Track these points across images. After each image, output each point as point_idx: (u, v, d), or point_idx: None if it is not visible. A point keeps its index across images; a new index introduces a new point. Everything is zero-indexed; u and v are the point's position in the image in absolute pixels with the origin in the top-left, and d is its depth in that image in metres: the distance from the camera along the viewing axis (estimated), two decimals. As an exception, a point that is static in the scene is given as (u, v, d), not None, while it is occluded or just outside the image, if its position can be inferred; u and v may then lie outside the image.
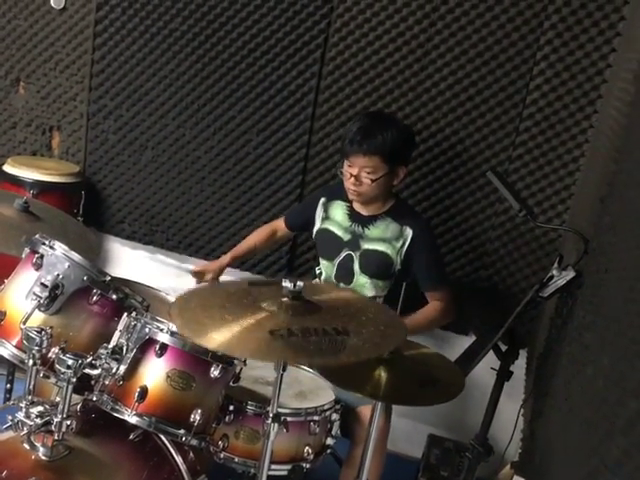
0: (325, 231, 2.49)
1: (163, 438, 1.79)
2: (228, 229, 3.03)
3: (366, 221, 2.41)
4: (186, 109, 2.96)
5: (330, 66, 2.76)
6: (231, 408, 1.82)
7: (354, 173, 2.31)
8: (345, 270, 2.42)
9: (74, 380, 1.56)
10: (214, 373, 1.69)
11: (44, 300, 1.68)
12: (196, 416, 1.67)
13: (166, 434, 1.72)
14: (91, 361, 1.60)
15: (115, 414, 1.66)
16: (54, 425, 1.56)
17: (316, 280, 2.53)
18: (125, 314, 1.72)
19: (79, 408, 1.77)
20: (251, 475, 1.87)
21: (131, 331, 1.68)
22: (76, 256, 1.73)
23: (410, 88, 2.68)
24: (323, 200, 2.52)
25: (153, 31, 2.92)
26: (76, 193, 3.01)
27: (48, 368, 1.66)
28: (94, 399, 1.69)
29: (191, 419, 1.67)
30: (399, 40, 2.65)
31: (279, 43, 2.78)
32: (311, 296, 1.59)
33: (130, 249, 3.22)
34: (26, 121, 3.21)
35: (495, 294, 2.74)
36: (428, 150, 2.70)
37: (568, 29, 2.43)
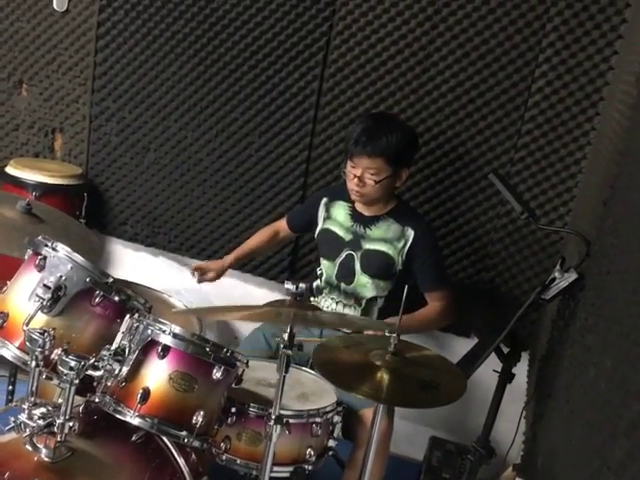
0: (327, 231, 2.49)
1: (165, 440, 1.78)
2: (230, 231, 3.04)
3: (368, 221, 2.42)
4: (188, 111, 2.97)
5: (332, 68, 2.76)
6: (233, 410, 1.82)
7: (357, 174, 2.31)
8: (346, 270, 2.43)
9: (77, 382, 1.56)
10: (216, 375, 1.69)
11: (47, 302, 1.68)
12: (198, 418, 1.67)
13: (168, 436, 1.71)
14: (93, 363, 1.60)
15: (117, 415, 1.66)
16: (56, 427, 1.56)
17: (317, 282, 2.53)
18: (127, 316, 1.72)
19: (81, 410, 1.77)
20: (253, 477, 1.87)
21: (133, 333, 1.68)
22: (79, 258, 1.73)
23: (412, 90, 2.68)
24: (325, 200, 2.53)
25: (155, 33, 2.93)
26: (78, 195, 3.02)
27: (51, 370, 1.65)
28: (96, 400, 1.69)
29: (193, 421, 1.67)
30: (401, 42, 2.65)
31: (281, 45, 2.79)
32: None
33: (132, 251, 3.22)
34: (29, 123, 3.21)
35: (497, 296, 2.73)
36: (430, 152, 2.70)
37: (570, 31, 2.43)
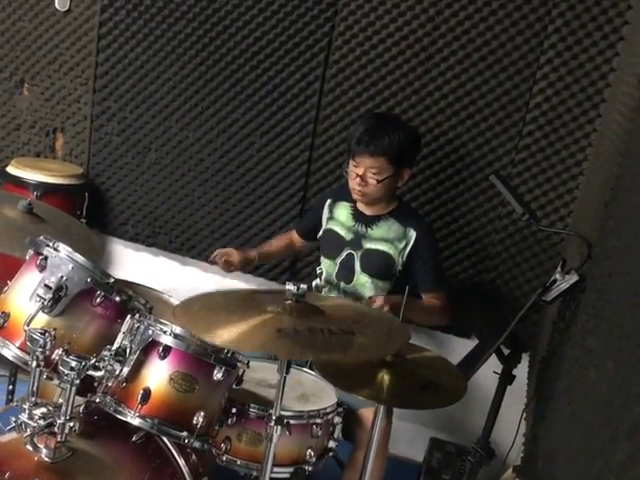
0: (329, 231, 2.50)
1: (166, 440, 1.78)
2: (231, 231, 3.04)
3: (369, 221, 2.42)
4: (190, 111, 2.97)
5: (333, 69, 2.77)
6: (234, 411, 1.82)
7: (360, 173, 2.32)
8: (346, 269, 2.43)
9: (77, 382, 1.56)
10: (217, 376, 1.69)
11: (48, 302, 1.68)
12: (199, 418, 1.67)
13: (169, 436, 1.71)
14: (94, 363, 1.60)
15: (118, 416, 1.66)
16: (57, 427, 1.56)
17: (317, 280, 2.54)
18: (128, 316, 1.72)
19: (82, 410, 1.77)
20: (253, 478, 1.87)
21: (134, 333, 1.68)
22: (80, 258, 1.73)
23: (413, 91, 2.68)
24: (329, 202, 2.53)
25: (157, 34, 2.93)
26: (79, 195, 3.02)
27: (51, 370, 1.65)
28: (97, 401, 1.69)
29: (194, 421, 1.67)
30: (402, 43, 2.65)
31: (283, 46, 2.79)
32: (313, 301, 1.61)
33: (133, 251, 3.22)
34: (30, 123, 3.21)
35: (497, 297, 2.74)
36: (431, 153, 2.70)
37: (572, 33, 2.44)
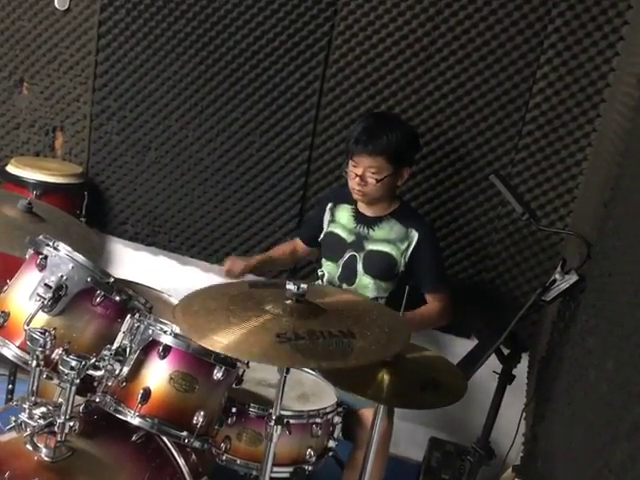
0: (330, 234, 2.50)
1: (165, 440, 1.79)
2: (231, 230, 3.04)
3: (371, 222, 2.42)
4: (189, 110, 2.96)
5: (333, 69, 2.76)
6: (234, 410, 1.82)
7: (359, 173, 2.32)
8: (349, 271, 2.43)
9: (77, 381, 1.56)
10: (217, 375, 1.69)
11: (48, 301, 1.68)
12: (199, 418, 1.67)
13: (169, 436, 1.72)
14: (94, 362, 1.60)
15: (118, 415, 1.66)
16: (57, 426, 1.56)
17: (318, 282, 2.54)
18: (128, 315, 1.72)
19: (82, 409, 1.77)
20: (253, 477, 1.87)
21: (134, 333, 1.68)
22: (80, 257, 1.73)
23: (413, 91, 2.68)
24: (330, 205, 2.53)
25: (157, 33, 2.92)
26: (79, 194, 3.01)
27: (51, 369, 1.65)
28: (97, 400, 1.70)
29: (194, 421, 1.67)
30: (402, 43, 2.65)
31: (282, 45, 2.79)
32: (314, 298, 1.60)
33: (132, 250, 3.22)
34: (29, 122, 3.21)
35: (497, 297, 2.74)
36: (431, 153, 2.70)
37: (572, 33, 2.44)
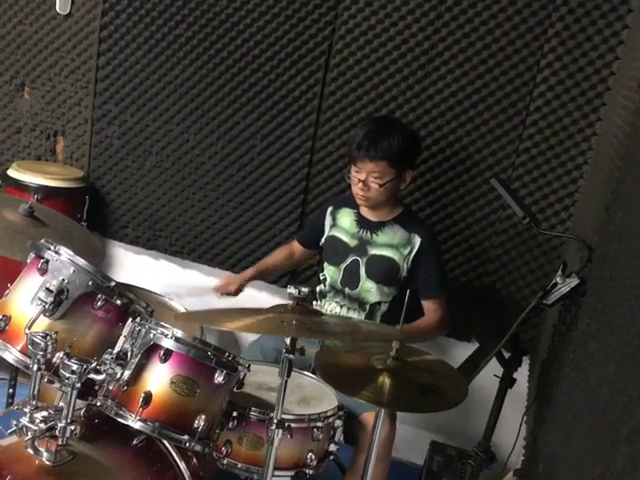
0: (332, 238, 2.50)
1: (166, 444, 1.79)
2: (232, 234, 3.04)
3: (374, 227, 2.42)
4: (190, 115, 2.97)
5: (334, 73, 2.77)
6: (234, 414, 1.82)
7: (362, 178, 2.32)
8: (351, 275, 2.43)
9: (78, 385, 1.56)
10: (218, 379, 1.69)
11: (49, 305, 1.68)
12: (200, 422, 1.67)
13: (170, 440, 1.71)
14: (95, 366, 1.60)
15: (119, 419, 1.66)
16: (58, 430, 1.56)
17: (320, 286, 2.54)
18: (130, 319, 1.72)
19: (83, 413, 1.77)
20: (254, 481, 1.87)
21: (135, 336, 1.68)
22: (81, 261, 1.73)
23: (414, 95, 2.68)
24: (331, 209, 2.54)
25: (158, 37, 2.93)
26: (80, 198, 3.02)
27: (52, 373, 1.65)
28: (98, 404, 1.70)
29: (195, 425, 1.67)
30: (403, 47, 2.65)
31: (283, 50, 2.79)
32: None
33: (133, 254, 3.23)
34: (31, 126, 3.22)
35: (498, 301, 2.73)
36: (432, 157, 2.71)
37: (572, 37, 2.44)
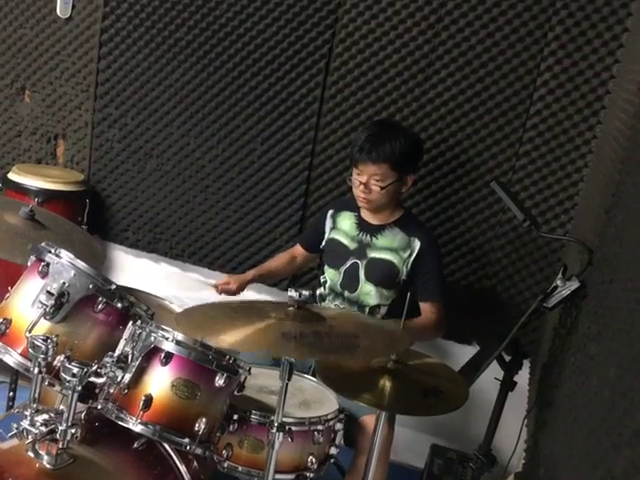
0: (332, 241, 2.50)
1: (167, 447, 1.78)
2: (232, 237, 3.04)
3: (374, 230, 2.42)
4: (191, 118, 2.97)
5: (334, 76, 2.77)
6: (235, 417, 1.82)
7: (363, 181, 2.32)
8: (351, 278, 2.43)
9: (79, 388, 1.56)
10: (219, 382, 1.69)
11: (50, 308, 1.67)
12: (200, 425, 1.67)
13: (170, 443, 1.71)
14: (96, 369, 1.59)
15: (120, 422, 1.66)
16: (59, 433, 1.55)
17: (320, 289, 2.54)
18: (130, 322, 1.72)
19: (83, 416, 1.77)
20: (254, 484, 1.87)
21: (136, 340, 1.68)
22: (82, 264, 1.73)
23: (414, 98, 2.69)
24: (331, 212, 2.54)
25: (158, 40, 2.94)
26: (80, 201, 3.02)
27: (53, 376, 1.65)
28: (99, 407, 1.69)
29: (195, 428, 1.67)
30: (403, 51, 2.66)
31: (283, 53, 2.80)
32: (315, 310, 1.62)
33: (134, 257, 3.23)
34: (31, 129, 3.22)
35: (498, 304, 2.74)
36: (432, 160, 2.71)
37: (572, 40, 2.45)
